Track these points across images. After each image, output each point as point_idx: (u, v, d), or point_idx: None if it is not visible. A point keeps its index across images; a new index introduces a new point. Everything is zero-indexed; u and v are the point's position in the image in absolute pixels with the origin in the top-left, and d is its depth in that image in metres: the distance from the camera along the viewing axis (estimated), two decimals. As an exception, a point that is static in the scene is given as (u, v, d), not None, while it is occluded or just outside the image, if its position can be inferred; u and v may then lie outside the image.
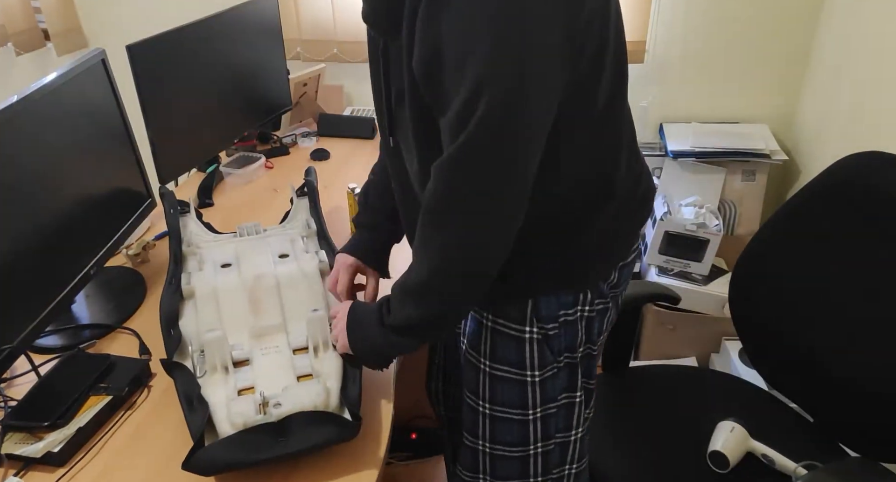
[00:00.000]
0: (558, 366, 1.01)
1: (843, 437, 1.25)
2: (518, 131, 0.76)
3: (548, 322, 0.97)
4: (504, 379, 1.01)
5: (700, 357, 2.15)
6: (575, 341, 1.00)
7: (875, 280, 1.16)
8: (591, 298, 0.98)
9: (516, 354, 0.99)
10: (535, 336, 0.98)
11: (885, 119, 1.73)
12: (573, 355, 1.01)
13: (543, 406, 1.02)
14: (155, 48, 1.46)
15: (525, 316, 0.97)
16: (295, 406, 0.94)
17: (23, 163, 1.08)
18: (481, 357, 1.02)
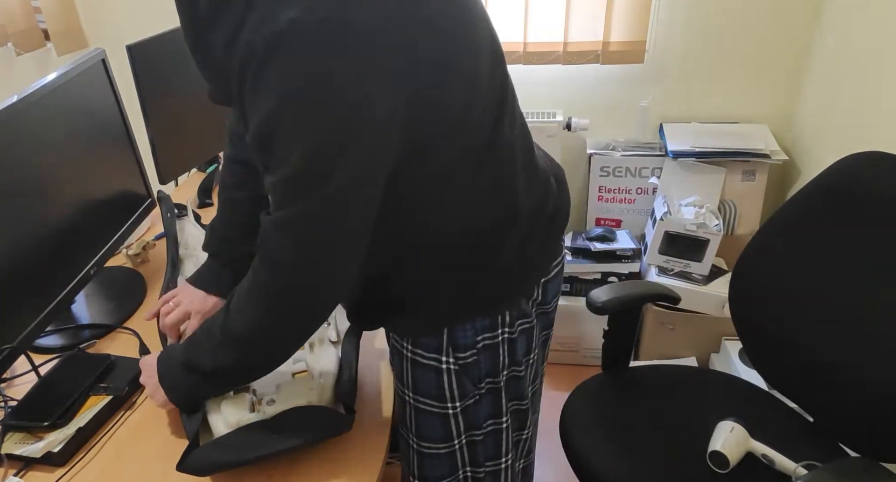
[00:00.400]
0: (479, 394, 0.98)
1: (843, 437, 1.25)
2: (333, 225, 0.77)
3: (465, 351, 0.94)
4: (427, 412, 0.99)
5: (700, 357, 2.15)
6: (497, 366, 0.97)
7: (875, 280, 1.16)
8: (512, 320, 0.95)
9: (436, 387, 0.96)
10: (451, 367, 0.95)
11: (885, 119, 1.73)
12: (496, 380, 0.98)
13: (468, 432, 1.00)
14: (155, 48, 1.46)
15: (441, 345, 0.94)
16: (288, 402, 0.94)
17: (23, 163, 1.08)
18: (405, 388, 1.00)
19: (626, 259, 2.18)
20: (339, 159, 0.73)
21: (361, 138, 0.73)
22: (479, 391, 0.97)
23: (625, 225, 2.35)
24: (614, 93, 2.32)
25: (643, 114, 2.33)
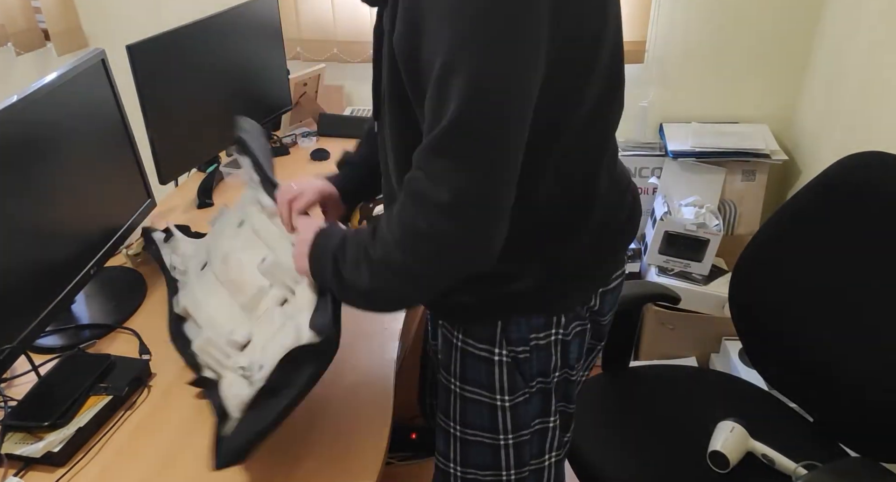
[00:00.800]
0: (530, 392, 0.96)
1: (843, 437, 1.25)
2: (495, 117, 0.70)
3: (518, 345, 0.93)
4: (474, 401, 0.97)
5: (700, 357, 2.15)
6: (548, 366, 0.95)
7: (875, 280, 1.16)
8: (567, 322, 0.93)
9: (486, 377, 0.95)
10: (504, 359, 0.93)
11: (885, 119, 1.73)
12: (547, 380, 0.96)
13: (516, 433, 0.99)
14: (155, 48, 1.46)
15: (495, 337, 0.93)
16: (272, 360, 0.91)
17: (22, 163, 1.08)
18: (452, 377, 0.99)
19: (627, 259, 2.18)
20: (492, 79, 0.68)
21: (519, 52, 0.69)
22: (529, 389, 0.96)
23: (625, 225, 2.35)
24: (614, 93, 2.31)
25: (643, 114, 2.33)
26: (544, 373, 0.95)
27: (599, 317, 1.01)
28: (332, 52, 2.35)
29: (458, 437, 1.01)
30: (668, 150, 2.15)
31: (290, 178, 1.82)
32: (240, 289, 1.10)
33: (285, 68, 1.96)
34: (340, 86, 2.40)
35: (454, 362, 0.97)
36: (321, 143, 2.06)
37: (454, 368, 0.98)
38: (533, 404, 0.98)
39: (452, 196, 0.71)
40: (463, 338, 0.95)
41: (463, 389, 0.98)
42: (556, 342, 0.94)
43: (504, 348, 0.93)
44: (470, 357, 0.95)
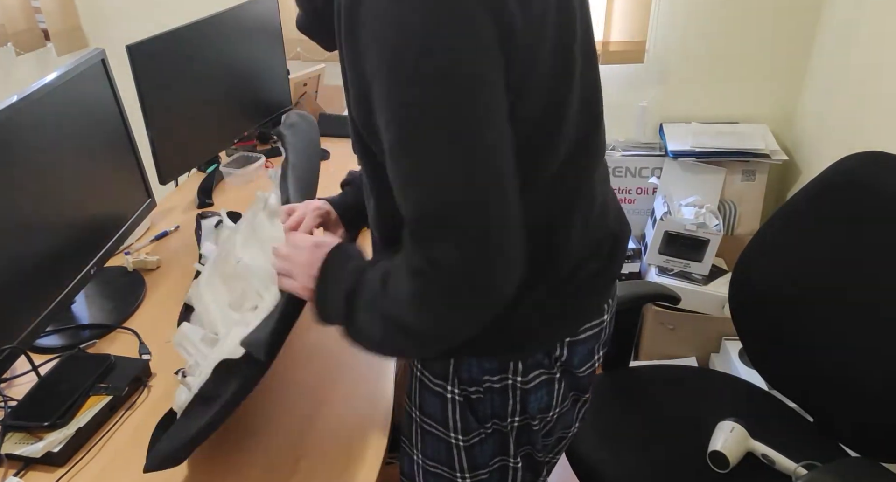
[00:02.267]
0: (485, 433, 0.92)
1: (843, 437, 1.25)
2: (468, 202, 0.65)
3: (470, 385, 0.88)
4: (432, 434, 0.95)
5: (700, 357, 2.15)
6: (504, 410, 0.89)
7: (875, 280, 1.16)
8: (525, 369, 0.87)
9: (441, 413, 0.91)
10: (456, 397, 0.89)
11: (885, 119, 1.73)
12: (502, 424, 0.91)
13: (473, 472, 0.95)
14: (155, 48, 1.46)
15: (447, 374, 0.89)
16: (209, 367, 0.90)
17: (23, 163, 1.08)
18: (413, 405, 0.96)
19: (627, 259, 2.18)
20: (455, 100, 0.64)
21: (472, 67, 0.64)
22: (484, 430, 0.92)
23: (625, 225, 2.35)
24: (614, 93, 2.32)
25: (643, 114, 2.33)
26: (500, 416, 0.90)
27: (573, 369, 0.92)
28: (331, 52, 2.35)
29: (421, 466, 0.99)
30: (668, 150, 2.15)
31: (290, 178, 1.82)
32: (232, 288, 1.08)
33: (285, 68, 1.96)
34: (340, 86, 2.40)
35: (414, 391, 0.95)
36: (321, 143, 2.06)
37: (414, 397, 0.95)
38: (489, 445, 0.93)
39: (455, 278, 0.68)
40: (421, 369, 0.92)
41: (422, 420, 0.95)
42: (512, 387, 0.88)
43: (457, 387, 0.89)
44: (427, 390, 0.92)
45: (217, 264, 1.16)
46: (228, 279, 1.10)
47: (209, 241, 1.33)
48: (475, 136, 0.65)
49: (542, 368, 0.88)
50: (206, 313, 1.10)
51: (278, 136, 1.26)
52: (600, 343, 0.96)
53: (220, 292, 1.11)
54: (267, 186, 1.79)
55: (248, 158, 1.88)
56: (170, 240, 1.55)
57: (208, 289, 1.12)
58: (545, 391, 0.90)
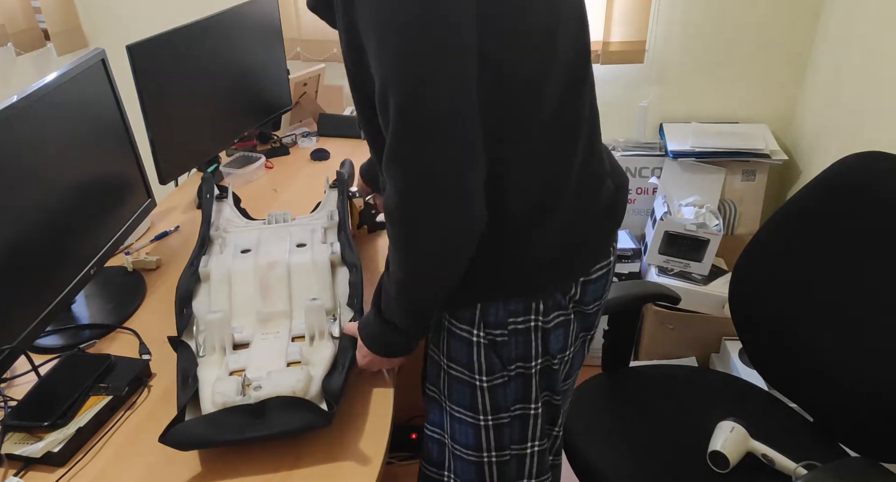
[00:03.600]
0: (509, 375, 0.98)
1: (843, 437, 1.25)
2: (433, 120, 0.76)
3: (495, 328, 0.95)
4: (458, 379, 1.01)
5: (700, 357, 2.15)
6: (528, 352, 0.97)
7: (875, 280, 1.16)
8: (546, 310, 0.96)
9: (466, 356, 0.98)
10: (482, 341, 0.96)
11: (885, 119, 1.73)
12: (527, 366, 0.98)
13: (495, 415, 1.01)
14: (155, 48, 1.46)
15: (474, 319, 0.96)
16: (274, 390, 0.95)
17: (23, 163, 1.08)
18: (440, 354, 1.02)
19: (626, 259, 2.18)
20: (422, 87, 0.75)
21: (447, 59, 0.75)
22: (508, 372, 0.98)
23: (625, 225, 2.35)
24: (614, 93, 2.32)
25: (643, 114, 2.33)
26: (523, 358, 0.97)
27: (584, 307, 1.02)
28: (332, 52, 2.35)
29: (448, 411, 1.05)
30: (668, 150, 2.15)
31: (289, 178, 1.83)
32: (267, 298, 1.14)
33: (285, 68, 1.96)
34: (340, 86, 2.40)
35: (442, 340, 1.01)
36: (321, 143, 2.06)
37: (441, 346, 1.01)
38: (512, 388, 0.99)
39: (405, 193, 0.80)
40: (448, 319, 0.99)
41: (449, 367, 1.01)
42: (535, 328, 0.96)
43: (482, 330, 0.96)
44: (454, 337, 0.99)
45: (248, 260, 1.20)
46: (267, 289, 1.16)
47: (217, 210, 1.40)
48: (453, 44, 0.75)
49: (560, 309, 0.97)
50: (222, 299, 1.15)
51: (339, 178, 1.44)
52: (608, 283, 1.05)
53: (250, 292, 1.16)
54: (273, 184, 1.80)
55: (247, 158, 1.88)
56: (170, 240, 1.55)
57: (240, 285, 1.17)
58: (562, 331, 0.98)
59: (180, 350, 1.06)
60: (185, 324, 1.10)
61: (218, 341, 1.06)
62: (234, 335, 1.08)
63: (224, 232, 1.32)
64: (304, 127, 2.17)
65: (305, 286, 1.17)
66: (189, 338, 1.09)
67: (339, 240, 1.29)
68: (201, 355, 1.05)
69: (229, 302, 1.15)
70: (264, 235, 1.30)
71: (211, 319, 1.06)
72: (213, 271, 1.18)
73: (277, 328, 1.10)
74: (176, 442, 0.90)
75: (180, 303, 1.13)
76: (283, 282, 1.16)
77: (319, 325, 1.08)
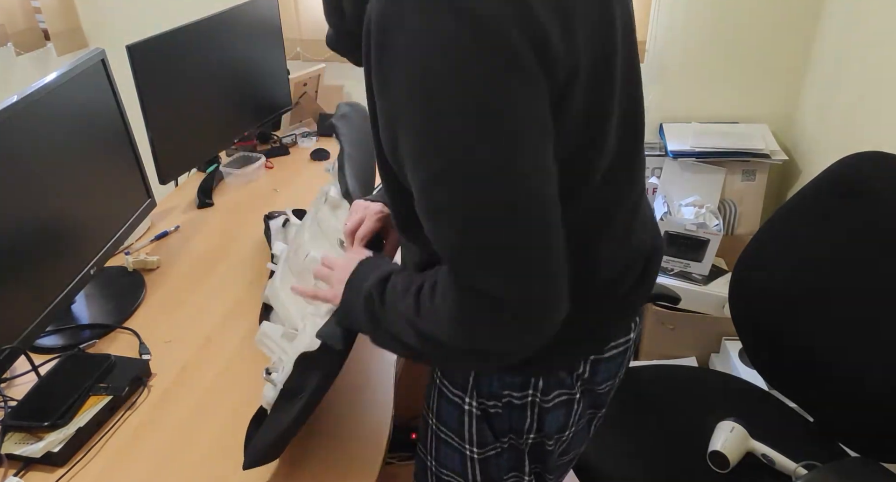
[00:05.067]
0: (502, 447, 0.91)
1: (843, 437, 1.25)
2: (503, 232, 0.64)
3: (489, 399, 0.87)
4: (447, 443, 0.94)
5: (700, 357, 2.15)
6: (521, 426, 0.88)
7: (875, 280, 1.16)
8: (546, 387, 0.85)
9: (457, 423, 0.91)
10: (474, 410, 0.88)
11: (885, 119, 1.73)
12: (519, 440, 0.90)
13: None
14: (155, 48, 1.46)
15: (467, 386, 0.88)
16: (290, 362, 0.92)
17: (22, 163, 1.08)
18: (430, 413, 0.95)
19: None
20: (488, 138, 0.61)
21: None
22: (500, 444, 0.91)
23: (625, 225, 2.35)
24: (614, 93, 2.31)
25: (643, 114, 2.33)
26: (516, 432, 0.89)
27: (594, 386, 0.91)
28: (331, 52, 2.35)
29: (434, 472, 0.99)
30: (668, 150, 2.15)
31: (289, 178, 1.83)
32: (305, 282, 1.10)
33: (285, 68, 1.96)
34: (340, 86, 2.40)
35: (432, 399, 0.94)
36: (321, 143, 2.06)
37: (432, 404, 0.95)
38: (505, 459, 0.92)
39: (503, 308, 0.66)
40: (440, 378, 0.92)
41: (438, 428, 0.95)
42: (531, 404, 0.87)
43: (475, 399, 0.88)
44: (445, 399, 0.91)
45: (289, 261, 1.18)
46: (300, 274, 1.12)
47: (279, 240, 1.36)
48: (516, 167, 0.62)
49: (564, 388, 0.87)
50: (283, 310, 1.12)
51: (332, 128, 1.29)
52: (625, 361, 0.95)
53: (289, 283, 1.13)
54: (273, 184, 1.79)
55: (248, 158, 1.88)
56: (170, 240, 1.55)
57: (284, 286, 1.15)
58: (563, 411, 0.89)
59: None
60: None
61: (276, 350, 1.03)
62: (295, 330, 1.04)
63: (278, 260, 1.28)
64: (304, 127, 2.17)
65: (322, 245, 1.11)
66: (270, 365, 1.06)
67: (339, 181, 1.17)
68: None
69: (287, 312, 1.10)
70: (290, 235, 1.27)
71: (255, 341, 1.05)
72: (269, 297, 1.17)
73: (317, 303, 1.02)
74: (256, 460, 0.87)
75: None
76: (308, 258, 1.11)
77: None
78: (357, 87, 2.46)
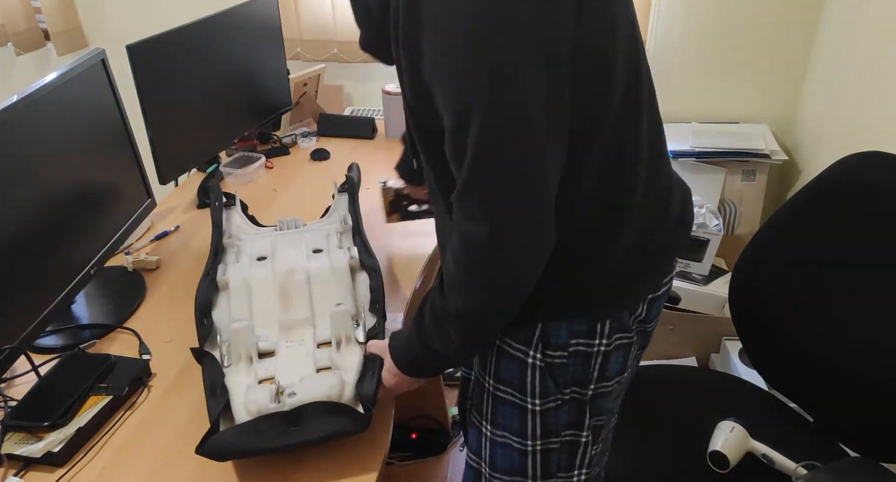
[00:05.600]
0: (563, 399, 0.93)
1: (843, 437, 1.25)
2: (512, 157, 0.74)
3: (555, 350, 0.90)
4: (505, 401, 0.96)
5: (700, 357, 2.15)
6: (585, 376, 0.92)
7: (875, 280, 1.16)
8: (611, 331, 0.90)
9: (518, 378, 0.93)
10: (538, 362, 0.91)
11: (885, 119, 1.73)
12: (582, 391, 0.93)
13: (544, 439, 0.96)
14: (155, 48, 1.46)
15: (532, 339, 0.91)
16: (309, 396, 0.94)
17: (22, 163, 1.08)
18: (487, 375, 0.97)
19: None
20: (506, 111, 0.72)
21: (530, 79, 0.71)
22: (562, 396, 0.93)
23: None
24: (614, 93, 2.32)
25: (643, 114, 2.33)
26: (580, 383, 0.93)
27: (646, 325, 0.97)
28: (332, 52, 2.35)
29: (488, 437, 1.00)
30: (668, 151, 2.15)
31: (289, 178, 1.83)
32: (288, 306, 1.13)
33: (285, 68, 1.96)
34: (340, 86, 2.40)
35: (490, 360, 0.96)
36: (321, 143, 2.06)
37: (489, 366, 0.96)
38: (564, 412, 0.94)
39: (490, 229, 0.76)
40: (501, 337, 0.94)
41: (496, 388, 0.96)
42: (597, 353, 0.91)
43: (539, 351, 0.91)
44: (506, 356, 0.94)
45: (265, 267, 1.20)
46: (287, 297, 1.15)
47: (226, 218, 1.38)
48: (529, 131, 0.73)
49: (624, 331, 0.92)
50: (242, 308, 1.13)
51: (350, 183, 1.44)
52: (668, 293, 1.01)
53: (270, 300, 1.15)
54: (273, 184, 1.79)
55: (248, 158, 1.88)
56: (170, 240, 1.55)
57: (257, 291, 1.16)
58: (622, 354, 0.93)
59: (205, 361, 1.04)
60: (207, 334, 1.08)
61: (244, 350, 1.04)
62: (259, 344, 1.07)
63: (237, 240, 1.30)
64: (304, 127, 2.17)
65: (326, 292, 1.15)
66: (212, 349, 1.07)
67: (354, 244, 1.28)
68: (227, 365, 1.03)
69: (250, 310, 1.13)
70: (278, 242, 1.29)
71: (236, 328, 1.05)
72: (231, 280, 1.17)
73: (301, 336, 1.09)
74: (214, 452, 0.88)
75: (200, 313, 1.11)
76: (303, 289, 1.15)
77: (346, 331, 1.07)
78: (357, 86, 2.46)
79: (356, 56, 2.35)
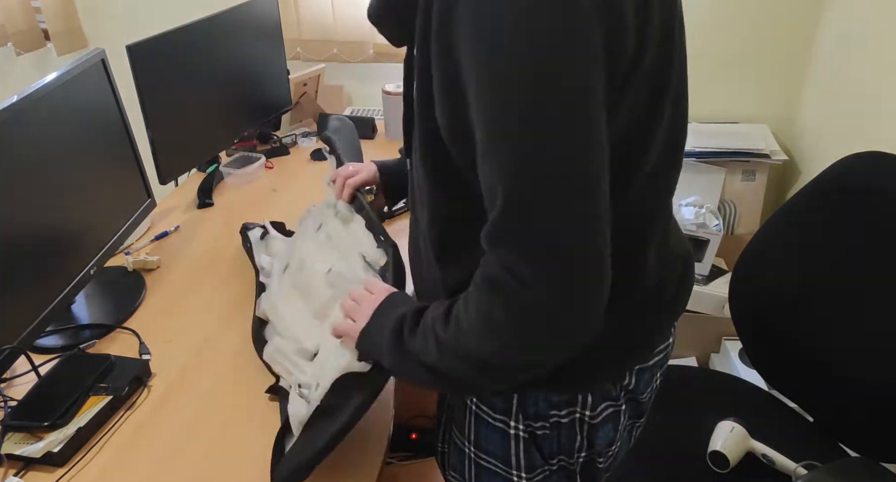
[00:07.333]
0: (550, 469, 0.87)
1: (843, 437, 1.25)
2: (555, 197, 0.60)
3: (535, 421, 0.83)
4: (490, 471, 0.89)
5: (700, 357, 2.15)
6: (571, 446, 0.85)
7: (875, 279, 1.16)
8: (594, 402, 0.82)
9: (502, 449, 0.86)
10: (520, 433, 0.84)
11: (885, 119, 1.73)
12: (570, 461, 0.86)
13: None
14: (155, 48, 1.46)
15: (510, 409, 0.83)
16: (327, 380, 0.91)
17: (22, 163, 1.08)
18: (466, 441, 0.90)
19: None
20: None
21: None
22: (549, 467, 0.87)
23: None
24: (614, 93, 2.31)
25: (643, 114, 2.33)
26: (567, 452, 0.86)
27: (637, 396, 0.88)
28: (332, 52, 2.35)
29: None
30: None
31: (289, 178, 1.83)
32: (312, 296, 1.09)
33: (285, 68, 1.96)
34: (340, 86, 2.40)
35: (468, 426, 0.88)
36: (321, 143, 2.06)
37: (468, 432, 0.89)
38: (555, 480, 0.89)
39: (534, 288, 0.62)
40: (477, 404, 0.86)
41: (478, 456, 0.90)
42: (580, 422, 0.83)
43: (521, 422, 0.83)
44: (485, 426, 0.86)
45: (291, 275, 1.16)
46: (307, 289, 1.10)
47: (262, 253, 1.35)
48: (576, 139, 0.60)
49: (610, 401, 0.84)
50: (282, 324, 1.11)
51: (327, 142, 1.32)
52: (664, 366, 0.92)
53: (296, 302, 1.12)
54: (273, 184, 1.79)
55: (248, 158, 1.88)
56: (170, 240, 1.55)
57: (285, 301, 1.13)
58: (611, 425, 0.86)
59: (280, 397, 1.04)
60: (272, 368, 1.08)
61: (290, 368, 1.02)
62: (306, 348, 1.02)
63: (269, 269, 1.28)
64: (304, 127, 2.17)
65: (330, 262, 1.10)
66: (283, 382, 1.06)
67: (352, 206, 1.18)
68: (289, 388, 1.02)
69: (289, 325, 1.09)
70: (292, 242, 1.25)
71: (265, 358, 1.06)
72: (266, 309, 1.16)
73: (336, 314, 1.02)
74: (288, 476, 0.86)
75: (260, 351, 1.11)
76: (314, 273, 1.10)
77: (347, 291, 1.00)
78: (357, 86, 2.46)
79: (356, 56, 2.35)
